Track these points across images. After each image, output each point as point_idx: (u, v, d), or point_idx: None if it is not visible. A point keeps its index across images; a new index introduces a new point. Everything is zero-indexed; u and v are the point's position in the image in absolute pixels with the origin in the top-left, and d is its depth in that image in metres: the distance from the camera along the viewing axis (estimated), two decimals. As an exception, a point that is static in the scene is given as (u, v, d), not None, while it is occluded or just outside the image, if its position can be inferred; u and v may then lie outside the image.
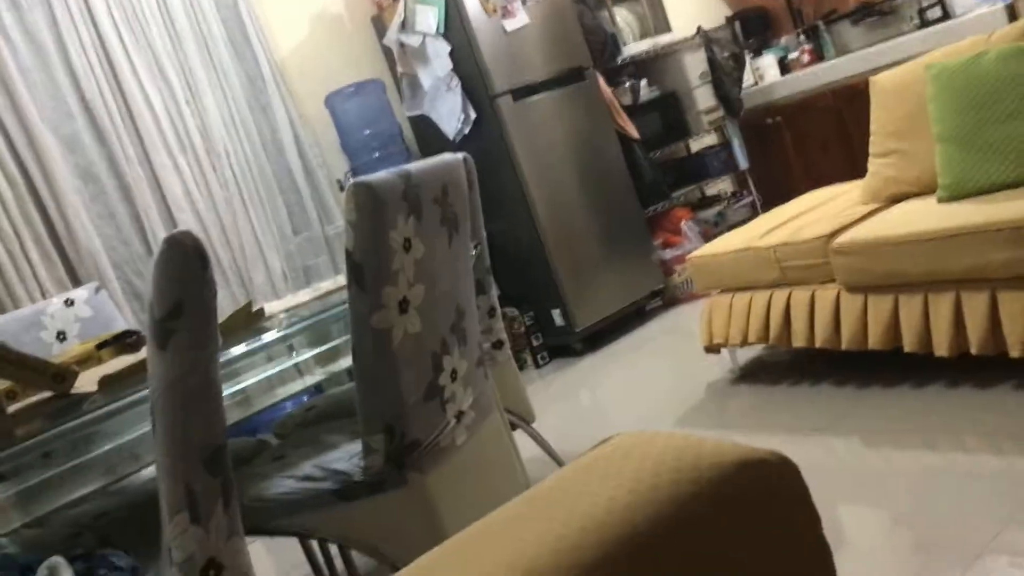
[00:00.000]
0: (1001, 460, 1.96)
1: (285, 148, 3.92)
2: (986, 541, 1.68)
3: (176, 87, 3.64)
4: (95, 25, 3.48)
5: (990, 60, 2.37)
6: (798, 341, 2.68)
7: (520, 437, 2.48)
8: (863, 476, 2.12)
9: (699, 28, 4.80)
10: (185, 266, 1.27)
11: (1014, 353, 2.17)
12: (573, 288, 4.01)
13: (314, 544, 2.39)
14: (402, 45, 4.06)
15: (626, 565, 0.64)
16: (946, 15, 4.29)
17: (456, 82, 3.92)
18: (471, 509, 1.80)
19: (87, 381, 1.90)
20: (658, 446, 0.75)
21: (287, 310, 2.17)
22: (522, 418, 2.51)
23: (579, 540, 0.65)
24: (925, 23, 4.37)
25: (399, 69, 4.13)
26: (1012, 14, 3.86)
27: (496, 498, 1.91)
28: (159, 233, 3.52)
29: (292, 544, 2.82)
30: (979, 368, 2.40)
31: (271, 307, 2.28)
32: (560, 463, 2.61)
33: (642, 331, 4.14)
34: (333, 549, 2.49)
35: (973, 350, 2.25)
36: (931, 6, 4.35)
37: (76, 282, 3.36)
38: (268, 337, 2.10)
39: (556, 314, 4.05)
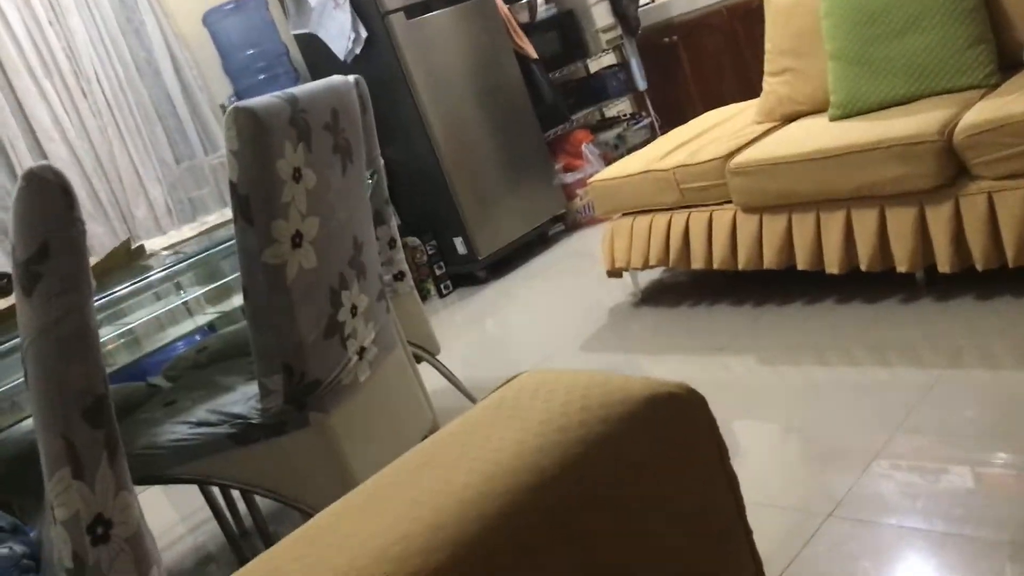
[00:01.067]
0: (888, 372, 2.05)
1: (162, 71, 3.67)
2: (877, 449, 1.76)
3: (37, 6, 3.33)
4: (-64, -66, 3.14)
5: (881, -22, 2.38)
6: (697, 263, 2.72)
7: (426, 369, 2.45)
8: (759, 392, 2.18)
9: (595, -56, 4.69)
10: (48, 203, 1.16)
11: (901, 268, 2.25)
12: (475, 215, 3.96)
13: (215, 488, 2.32)
14: (286, -41, 3.82)
15: (536, 511, 0.61)
16: (837, -67, 4.30)
17: (345, -1, 3.73)
18: (376, 447, 1.76)
19: (-49, 329, 1.75)
20: (565, 385, 0.72)
21: (170, 247, 2.05)
22: (427, 350, 2.48)
23: (486, 488, 0.62)
24: (817, -60, 4.38)
25: (283, -15, 3.90)
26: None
27: (401, 434, 1.88)
28: (28, 165, 3.26)
29: (192, 489, 2.74)
30: (868, 284, 2.49)
31: (154, 244, 2.15)
32: (466, 394, 2.60)
33: (545, 257, 4.13)
34: (235, 493, 2.42)
35: (863, 266, 2.33)
36: (823, -77, 4.35)
37: (-64, 221, 3.09)
38: (154, 276, 1.98)
39: (458, 242, 4.00)
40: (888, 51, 2.38)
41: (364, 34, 3.76)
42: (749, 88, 4.50)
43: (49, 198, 1.15)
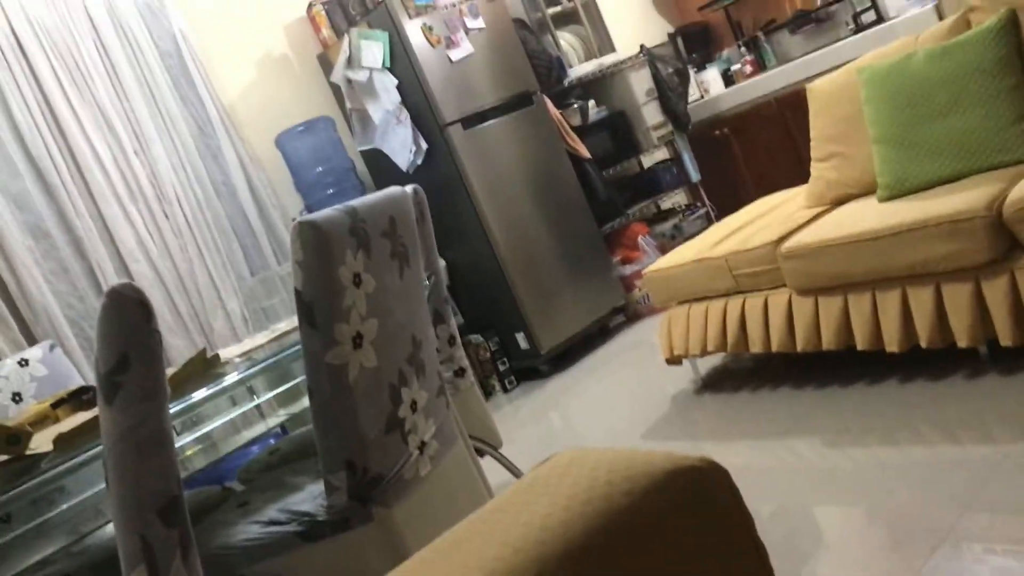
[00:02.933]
0: (957, 449, 2.00)
1: (238, 191, 3.92)
2: (947, 528, 1.72)
3: (123, 138, 3.63)
4: (37, 81, 3.47)
5: (919, 60, 2.44)
6: (755, 347, 2.72)
7: (490, 464, 2.48)
8: (827, 475, 2.15)
9: (642, 46, 4.88)
10: (128, 318, 1.27)
11: (962, 343, 2.22)
12: (536, 311, 4.03)
13: (288, 588, 2.36)
14: (349, 81, 4.08)
15: (563, 581, 0.65)
16: (880, 18, 4.41)
17: (405, 115, 3.95)
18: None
19: (43, 441, 1.87)
20: (593, 461, 0.77)
21: (243, 354, 2.16)
22: (489, 444, 2.52)
23: (515, 560, 0.66)
24: (860, 27, 4.49)
25: (348, 105, 4.16)
26: (940, 14, 3.98)
27: (464, 526, 1.91)
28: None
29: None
30: (930, 361, 2.45)
31: (228, 352, 2.27)
32: (530, 486, 2.61)
33: (607, 348, 4.16)
34: (308, 591, 2.46)
35: (923, 344, 2.30)
36: (865, 10, 4.47)
37: (32, 341, 3.31)
38: (228, 382, 2.09)
39: (521, 338, 4.07)
40: (931, 132, 2.41)
41: (424, 146, 3.96)
42: (803, 173, 4.53)
43: (128, 312, 1.26)
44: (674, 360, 3.05)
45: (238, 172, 3.91)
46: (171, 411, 1.43)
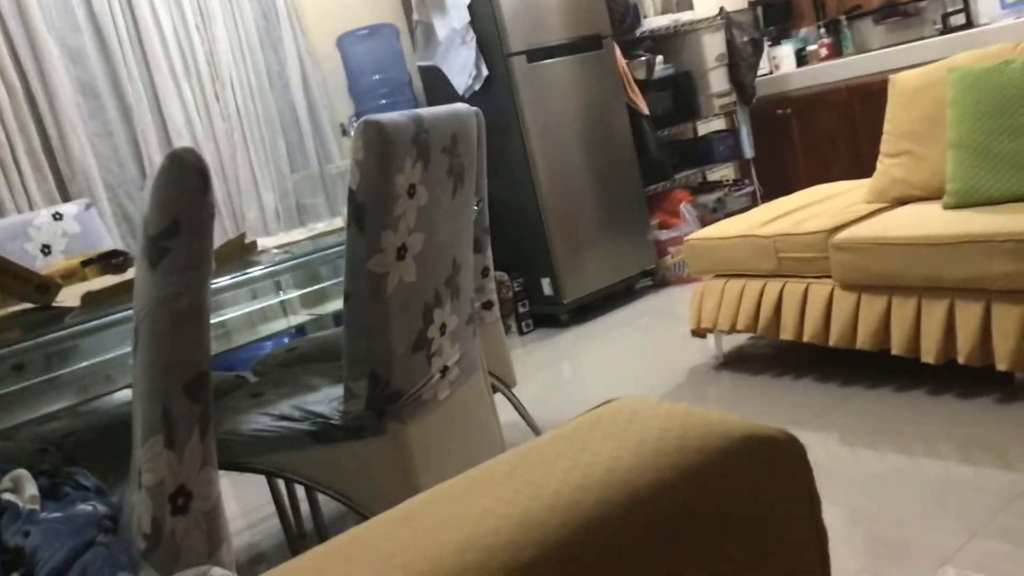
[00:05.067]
0: (974, 471, 1.97)
1: (291, 85, 3.85)
2: (952, 551, 1.69)
3: (187, 11, 3.56)
4: (108, -63, 3.39)
5: (1016, 69, 2.34)
6: (786, 333, 2.68)
7: (499, 402, 2.46)
8: (836, 474, 2.12)
9: (721, 9, 4.74)
10: (186, 184, 1.23)
11: (1001, 366, 2.17)
12: (565, 258, 3.99)
13: (281, 484, 2.38)
14: (420, -7, 3.98)
15: (622, 528, 0.62)
16: (969, 23, 4.25)
17: (472, 36, 3.85)
18: (446, 464, 1.79)
19: (69, 296, 1.86)
20: (663, 413, 0.73)
21: (280, 246, 2.14)
22: (503, 382, 2.50)
23: (575, 497, 0.63)
24: (947, 29, 4.33)
25: (415, 16, 4.06)
26: (1036, 29, 3.83)
27: (472, 457, 1.90)
28: (155, 158, 3.45)
29: (258, 481, 2.81)
30: (963, 378, 2.40)
31: (264, 242, 2.25)
32: (536, 430, 2.61)
33: (629, 309, 4.12)
34: (300, 492, 2.47)
35: (960, 359, 2.25)
36: (955, 12, 4.31)
37: (66, 198, 3.29)
38: (256, 271, 2.06)
39: (545, 283, 4.03)
40: (1013, 146, 2.32)
41: (485, 72, 3.87)
42: (860, 168, 4.44)
43: (186, 178, 1.22)
44: (700, 332, 3.01)
45: (295, 66, 3.84)
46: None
